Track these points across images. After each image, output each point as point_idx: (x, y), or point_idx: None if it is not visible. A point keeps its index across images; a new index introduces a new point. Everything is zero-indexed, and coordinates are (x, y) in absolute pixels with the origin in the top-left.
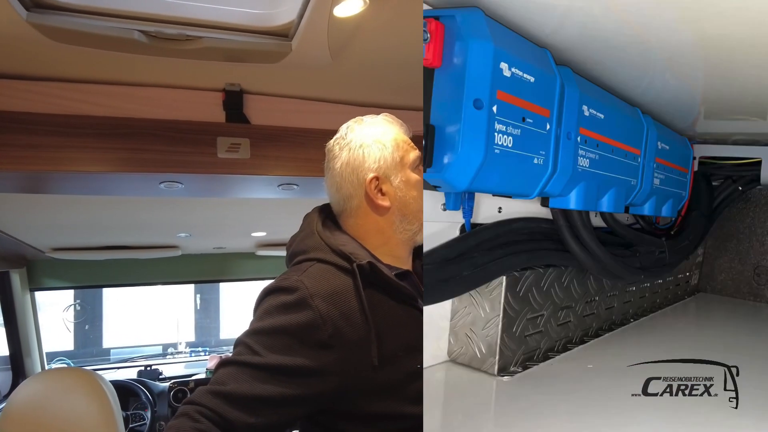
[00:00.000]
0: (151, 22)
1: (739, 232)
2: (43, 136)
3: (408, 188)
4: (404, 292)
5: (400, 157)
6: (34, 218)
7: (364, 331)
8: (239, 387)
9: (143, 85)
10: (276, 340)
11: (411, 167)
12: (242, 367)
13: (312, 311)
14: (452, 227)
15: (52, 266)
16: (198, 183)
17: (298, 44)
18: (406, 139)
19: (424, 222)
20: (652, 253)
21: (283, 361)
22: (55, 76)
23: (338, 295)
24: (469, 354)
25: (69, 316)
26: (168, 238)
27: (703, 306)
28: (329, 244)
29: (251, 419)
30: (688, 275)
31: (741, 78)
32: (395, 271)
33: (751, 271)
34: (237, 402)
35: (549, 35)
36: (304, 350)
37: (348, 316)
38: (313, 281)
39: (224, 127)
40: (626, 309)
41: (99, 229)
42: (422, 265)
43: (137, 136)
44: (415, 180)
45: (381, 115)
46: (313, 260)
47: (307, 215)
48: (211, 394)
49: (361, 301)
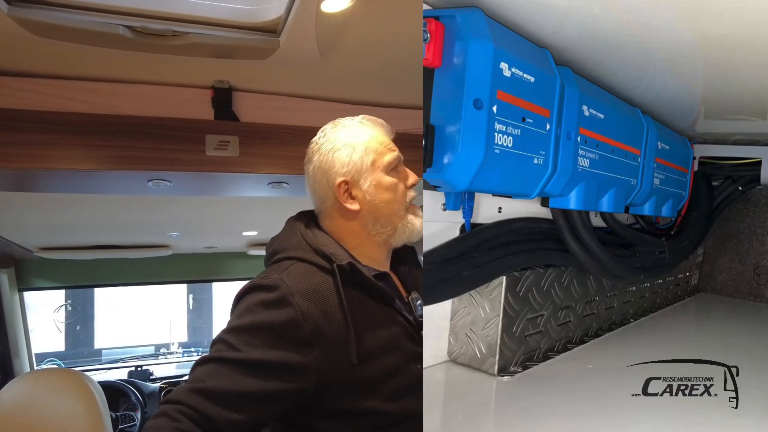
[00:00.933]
0: (137, 17)
1: (739, 232)
2: (27, 133)
3: (379, 192)
4: (382, 293)
5: (372, 160)
6: (22, 217)
7: (343, 330)
8: (220, 383)
9: (130, 81)
10: (256, 337)
11: (385, 170)
12: (222, 363)
13: (293, 308)
14: (452, 227)
15: (41, 266)
16: (186, 181)
17: (286, 40)
18: (383, 141)
19: (424, 222)
20: (652, 253)
21: (263, 357)
22: (38, 72)
23: (318, 293)
24: (469, 354)
25: (60, 316)
26: (158, 238)
27: (703, 306)
28: (310, 244)
29: (233, 415)
30: (688, 275)
31: (741, 78)
32: (373, 272)
33: (751, 271)
34: (218, 398)
35: (549, 35)
36: (285, 347)
37: (328, 315)
38: (294, 279)
39: (213, 125)
40: (626, 309)
41: (88, 229)
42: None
43: (124, 134)
44: (388, 183)
45: (359, 117)
46: (293, 259)
47: (291, 217)
48: (191, 392)
49: (340, 300)
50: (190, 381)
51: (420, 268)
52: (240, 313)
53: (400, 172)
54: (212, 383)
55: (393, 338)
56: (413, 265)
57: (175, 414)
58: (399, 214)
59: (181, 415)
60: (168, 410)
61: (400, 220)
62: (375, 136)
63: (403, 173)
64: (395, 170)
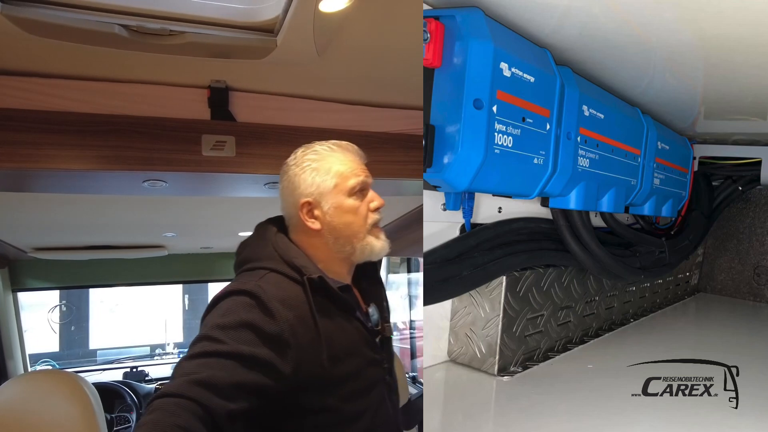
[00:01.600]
0: (133, 16)
1: (739, 232)
2: (21, 132)
3: (339, 214)
4: (346, 304)
5: (335, 184)
6: (16, 217)
7: (315, 335)
8: (216, 374)
9: (125, 81)
10: (242, 334)
11: (347, 193)
12: (214, 357)
13: (272, 312)
14: (452, 227)
15: (35, 266)
16: (182, 181)
17: (283, 40)
18: (350, 166)
19: (424, 222)
20: (652, 253)
21: (253, 352)
22: (33, 71)
23: (292, 300)
24: (469, 354)
25: (54, 317)
26: (154, 238)
27: (703, 306)
28: (282, 256)
29: (230, 405)
30: (688, 275)
31: (741, 78)
32: (338, 284)
33: (751, 271)
34: (216, 389)
35: (549, 35)
36: (269, 345)
37: (301, 320)
38: (271, 287)
39: (209, 125)
40: (626, 309)
41: (83, 229)
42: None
43: (119, 133)
44: (349, 206)
45: (330, 142)
46: (267, 269)
47: (261, 224)
48: (190, 384)
49: (311, 309)
50: (184, 374)
51: (380, 283)
52: (223, 313)
53: (364, 196)
54: (208, 374)
55: (354, 344)
56: (373, 279)
57: (173, 408)
58: (359, 235)
59: (179, 409)
60: (165, 404)
61: (360, 241)
62: (341, 161)
63: (369, 197)
64: (359, 194)
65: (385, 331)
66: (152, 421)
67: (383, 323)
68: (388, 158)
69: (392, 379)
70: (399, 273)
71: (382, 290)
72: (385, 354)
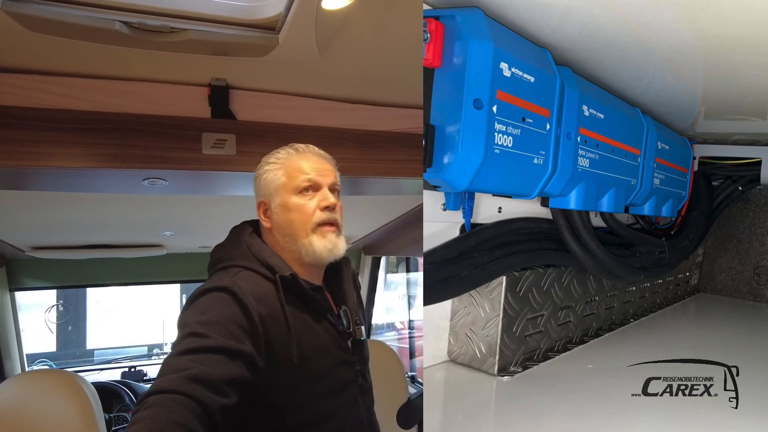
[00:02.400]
0: (134, 13)
1: (739, 232)
2: (20, 130)
3: (284, 212)
4: (318, 303)
5: (282, 183)
6: (13, 216)
7: (286, 332)
8: (208, 369)
9: (126, 78)
10: (225, 328)
11: (294, 192)
12: (202, 352)
13: (248, 307)
14: (452, 227)
15: (33, 266)
16: (182, 180)
17: (285, 37)
18: (305, 166)
19: (424, 222)
20: (652, 253)
21: (237, 346)
22: (33, 68)
23: (265, 296)
24: (470, 354)
25: (51, 316)
26: (152, 237)
27: (703, 306)
28: (255, 255)
29: (223, 400)
30: (688, 275)
31: (741, 78)
32: (310, 284)
33: (751, 271)
34: (210, 384)
35: (549, 35)
36: (249, 339)
37: (273, 316)
38: (245, 283)
39: (209, 123)
40: (626, 309)
41: (81, 228)
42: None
43: (119, 131)
44: (293, 204)
45: (293, 146)
46: (240, 267)
47: (236, 227)
48: (183, 380)
49: (282, 306)
50: (176, 370)
51: (352, 285)
52: (203, 310)
53: (314, 195)
54: (200, 369)
55: (324, 345)
56: (346, 281)
57: (169, 404)
58: (300, 233)
59: (176, 405)
60: (161, 401)
61: (302, 239)
62: (295, 162)
63: (320, 196)
64: (307, 192)
65: (356, 333)
66: (149, 417)
67: (354, 326)
68: (388, 157)
69: (365, 382)
70: (397, 273)
71: (354, 292)
72: (357, 356)
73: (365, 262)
